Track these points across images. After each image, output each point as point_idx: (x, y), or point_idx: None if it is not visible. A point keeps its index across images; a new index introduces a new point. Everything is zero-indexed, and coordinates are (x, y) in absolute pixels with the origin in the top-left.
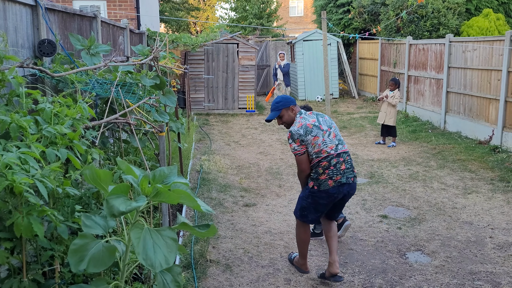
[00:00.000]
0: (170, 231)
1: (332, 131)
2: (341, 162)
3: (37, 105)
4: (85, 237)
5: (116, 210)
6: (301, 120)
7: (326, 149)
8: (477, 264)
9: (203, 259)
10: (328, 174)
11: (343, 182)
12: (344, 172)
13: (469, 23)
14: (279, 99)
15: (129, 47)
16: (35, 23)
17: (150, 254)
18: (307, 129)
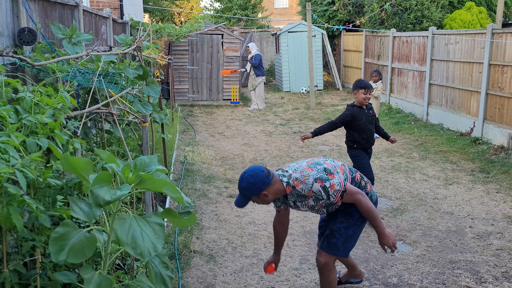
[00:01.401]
0: (156, 217)
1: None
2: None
3: (17, 94)
4: (67, 226)
5: (101, 200)
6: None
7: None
8: (457, 253)
9: (187, 250)
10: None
11: None
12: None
13: (452, 16)
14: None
15: (112, 37)
16: (15, 10)
17: (139, 242)
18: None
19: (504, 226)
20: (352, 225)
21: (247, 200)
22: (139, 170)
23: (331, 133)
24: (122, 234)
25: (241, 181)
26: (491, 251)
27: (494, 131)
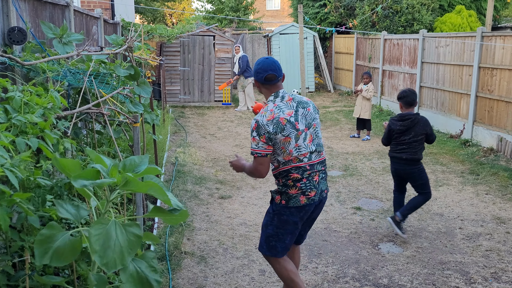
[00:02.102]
0: (136, 228)
1: (310, 133)
2: (315, 173)
3: (6, 93)
4: (53, 228)
5: (79, 183)
6: (274, 110)
7: (299, 157)
8: (447, 254)
9: (178, 251)
10: (300, 188)
11: (315, 199)
12: (318, 184)
13: (442, 19)
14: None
15: (103, 37)
16: (5, 10)
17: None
18: (278, 125)
19: (493, 227)
20: (269, 223)
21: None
22: (128, 170)
23: (323, 135)
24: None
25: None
26: (481, 252)
27: (484, 133)
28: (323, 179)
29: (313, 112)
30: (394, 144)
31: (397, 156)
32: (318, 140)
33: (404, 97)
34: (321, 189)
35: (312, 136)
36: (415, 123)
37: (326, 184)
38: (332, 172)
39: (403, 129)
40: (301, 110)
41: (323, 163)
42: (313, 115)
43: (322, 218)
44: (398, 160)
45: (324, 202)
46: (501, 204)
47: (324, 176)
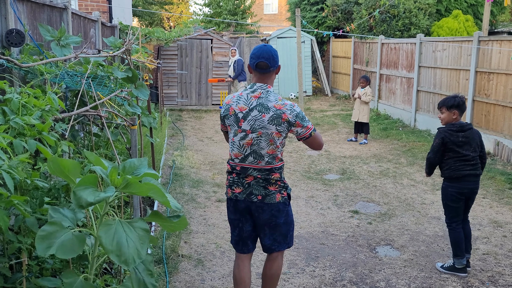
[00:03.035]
0: (142, 222)
1: (251, 137)
2: (247, 175)
3: (4, 95)
4: (55, 225)
5: (84, 201)
6: (233, 99)
7: (231, 154)
8: (444, 257)
9: (175, 254)
10: (229, 180)
11: (239, 198)
12: (250, 185)
13: (439, 23)
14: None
15: (101, 40)
16: (3, 12)
17: (124, 250)
18: (227, 112)
19: (490, 231)
20: None
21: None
22: (127, 172)
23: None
24: (107, 241)
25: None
26: (478, 255)
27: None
28: (259, 185)
29: (266, 120)
30: (456, 161)
31: (472, 174)
32: (257, 148)
33: (462, 105)
34: (251, 192)
35: (252, 141)
36: (473, 134)
37: (264, 191)
38: (330, 175)
39: (465, 140)
40: (255, 112)
41: (261, 171)
42: (265, 124)
43: (319, 221)
44: (474, 177)
45: (267, 210)
46: (498, 208)
47: (263, 183)
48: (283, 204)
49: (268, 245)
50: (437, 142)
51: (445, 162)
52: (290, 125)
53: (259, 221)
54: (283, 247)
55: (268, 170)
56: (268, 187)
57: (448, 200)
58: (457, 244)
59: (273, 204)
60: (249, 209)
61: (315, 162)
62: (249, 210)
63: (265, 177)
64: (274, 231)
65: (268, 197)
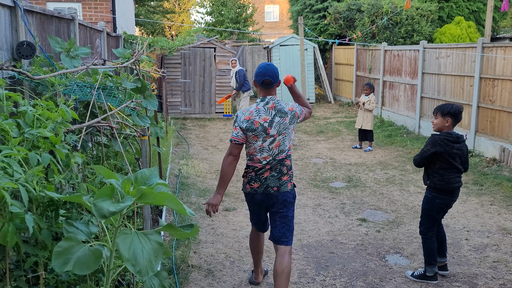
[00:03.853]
0: (157, 235)
1: (279, 139)
2: (266, 170)
3: (17, 107)
4: (70, 240)
5: (106, 211)
6: (253, 112)
7: (259, 158)
8: (454, 265)
9: (185, 264)
10: (248, 178)
11: (259, 192)
12: (266, 180)
13: (441, 30)
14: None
15: (106, 50)
16: (14, 24)
17: (139, 259)
18: (252, 126)
19: (500, 238)
20: None
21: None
22: (140, 183)
23: (324, 146)
24: (124, 249)
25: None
26: (488, 263)
27: (486, 144)
28: (275, 176)
29: (288, 122)
30: (450, 173)
31: (460, 186)
32: (283, 147)
33: (459, 114)
34: (268, 185)
35: (280, 142)
36: (465, 147)
37: (279, 182)
38: (336, 183)
39: (459, 153)
40: (277, 118)
41: (280, 162)
42: (287, 125)
43: (327, 230)
44: (457, 190)
45: (281, 198)
46: (506, 215)
47: (279, 171)
48: (292, 194)
49: (277, 236)
50: (430, 150)
51: (437, 172)
52: (294, 121)
53: (273, 211)
54: (289, 243)
55: (284, 159)
56: (281, 178)
57: (433, 211)
58: (431, 253)
59: (286, 192)
60: (264, 201)
61: (320, 170)
62: (265, 202)
63: (281, 168)
64: (284, 224)
65: (282, 187)
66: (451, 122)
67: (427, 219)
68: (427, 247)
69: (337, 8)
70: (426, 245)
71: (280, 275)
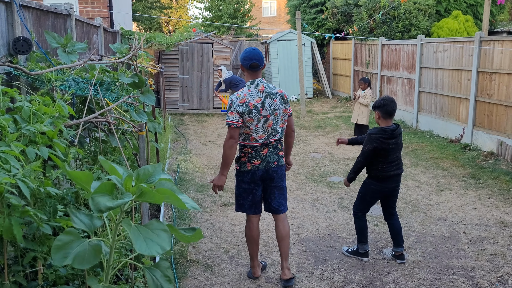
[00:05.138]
0: (159, 224)
1: (271, 119)
2: (264, 147)
3: (14, 103)
4: (70, 234)
5: (103, 206)
6: (247, 95)
7: (255, 137)
8: (452, 259)
9: (183, 259)
10: (247, 157)
11: (260, 168)
12: (266, 157)
13: (439, 24)
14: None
15: (103, 46)
16: (10, 20)
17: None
18: (247, 108)
19: (497, 231)
20: (236, 186)
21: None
22: (142, 180)
23: (322, 140)
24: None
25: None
26: (486, 256)
27: (484, 138)
28: (273, 152)
29: (278, 103)
30: (384, 163)
31: (396, 173)
32: (276, 125)
33: (384, 106)
34: (268, 160)
35: (272, 122)
36: (400, 135)
37: (277, 157)
38: (334, 178)
39: (395, 147)
40: (268, 100)
41: (278, 141)
42: (278, 106)
43: (326, 224)
44: (396, 177)
45: (279, 172)
46: (504, 208)
47: (275, 147)
48: (285, 167)
49: (276, 207)
50: (369, 149)
51: (373, 164)
52: (286, 103)
53: (271, 185)
54: (286, 209)
55: (281, 138)
56: (278, 153)
57: (367, 195)
58: (362, 231)
59: (283, 165)
60: (264, 176)
61: (319, 165)
62: (264, 177)
63: (276, 145)
64: (281, 194)
65: (280, 161)
66: (380, 115)
67: (361, 202)
68: (358, 226)
69: (335, 2)
70: (357, 224)
71: (285, 238)
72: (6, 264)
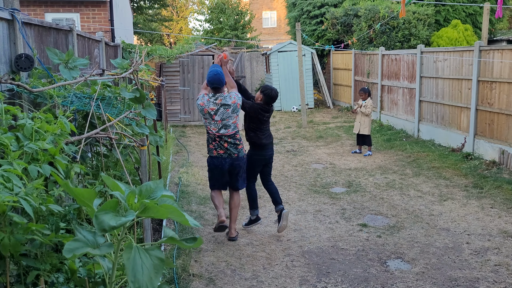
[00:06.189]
0: (158, 251)
1: (222, 123)
2: (223, 141)
3: (16, 120)
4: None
5: (106, 225)
6: (206, 102)
7: (210, 128)
8: (455, 270)
9: (186, 274)
10: (214, 145)
11: (224, 157)
12: (227, 149)
13: (438, 33)
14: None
15: (105, 60)
16: (12, 37)
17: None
18: (203, 112)
19: (501, 241)
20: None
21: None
22: (144, 196)
23: (324, 151)
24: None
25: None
26: (490, 267)
27: (485, 146)
28: (232, 145)
29: (230, 112)
30: (258, 130)
31: (270, 142)
32: (225, 124)
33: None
34: (231, 152)
35: (222, 122)
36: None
37: (236, 149)
38: (336, 188)
39: (267, 120)
40: (222, 109)
41: (231, 137)
42: (229, 114)
43: (328, 236)
44: (270, 145)
45: (239, 163)
46: (507, 218)
47: (233, 143)
48: (244, 156)
49: (236, 186)
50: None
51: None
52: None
53: (234, 172)
54: (244, 186)
55: (233, 134)
56: (237, 147)
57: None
58: (254, 199)
59: (242, 156)
60: (227, 164)
61: (320, 175)
62: (227, 165)
63: (233, 140)
64: (241, 178)
65: (240, 153)
66: (262, 98)
67: (248, 173)
68: (250, 195)
69: (334, 13)
70: (249, 193)
71: (235, 207)
72: (9, 283)
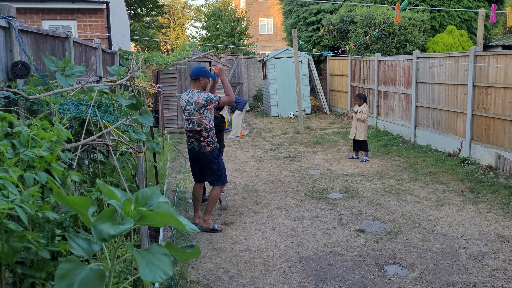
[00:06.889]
0: (159, 248)
1: (189, 118)
2: (190, 136)
3: (12, 128)
4: (71, 262)
5: (106, 234)
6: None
7: (184, 122)
8: (453, 275)
9: (183, 280)
10: (187, 138)
11: (189, 148)
12: (192, 143)
13: (434, 39)
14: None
15: (102, 67)
16: (8, 45)
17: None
18: (181, 105)
19: (498, 246)
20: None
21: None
22: (141, 203)
23: (321, 157)
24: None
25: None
26: (487, 271)
27: (482, 151)
28: (196, 140)
29: (192, 109)
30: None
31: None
32: (191, 119)
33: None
34: (194, 145)
35: (189, 118)
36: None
37: (199, 145)
38: (333, 194)
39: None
40: (188, 106)
41: (197, 133)
42: (192, 111)
43: (326, 241)
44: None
45: (202, 157)
46: (504, 222)
47: (197, 139)
48: (212, 155)
49: (210, 181)
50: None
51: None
52: (206, 105)
53: (201, 165)
54: (219, 184)
55: (199, 130)
56: (201, 143)
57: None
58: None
59: (205, 153)
60: (191, 154)
61: (318, 181)
62: (191, 155)
63: (197, 136)
64: (212, 173)
65: (202, 148)
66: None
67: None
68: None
69: (331, 20)
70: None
71: (210, 199)
72: None
